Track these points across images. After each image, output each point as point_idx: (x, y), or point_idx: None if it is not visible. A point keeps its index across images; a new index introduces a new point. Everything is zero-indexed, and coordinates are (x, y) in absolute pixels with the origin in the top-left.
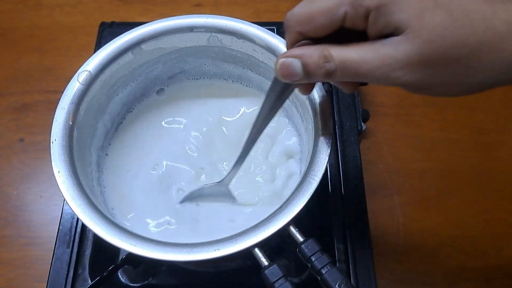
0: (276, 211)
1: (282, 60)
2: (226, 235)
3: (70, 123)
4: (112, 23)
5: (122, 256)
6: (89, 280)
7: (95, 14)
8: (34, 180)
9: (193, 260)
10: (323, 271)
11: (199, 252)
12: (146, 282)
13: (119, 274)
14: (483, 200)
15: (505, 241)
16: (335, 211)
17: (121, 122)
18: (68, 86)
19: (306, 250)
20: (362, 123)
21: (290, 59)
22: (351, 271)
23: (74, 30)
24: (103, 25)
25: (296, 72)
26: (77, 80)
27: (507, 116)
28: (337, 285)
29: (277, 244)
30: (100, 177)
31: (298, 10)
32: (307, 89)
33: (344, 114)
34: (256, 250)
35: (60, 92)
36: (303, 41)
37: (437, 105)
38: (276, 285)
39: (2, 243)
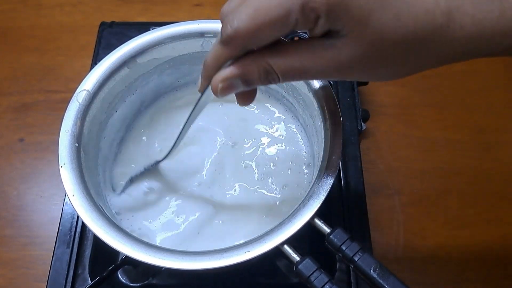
0: (299, 205)
1: (221, 82)
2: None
3: (76, 145)
4: (112, 22)
5: (122, 256)
6: (89, 280)
7: (95, 13)
8: (34, 180)
9: (224, 266)
10: (356, 258)
11: (229, 256)
12: (146, 282)
13: (119, 274)
14: (483, 200)
15: (505, 241)
16: (335, 211)
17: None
18: (68, 107)
19: (335, 240)
20: (362, 123)
21: (231, 81)
22: (351, 271)
23: (74, 30)
24: (103, 25)
25: (238, 89)
26: (77, 100)
27: (507, 116)
28: (372, 270)
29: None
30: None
31: (243, 24)
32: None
33: (344, 114)
34: (286, 247)
35: (60, 91)
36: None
37: (437, 105)
38: (312, 278)
39: (2, 243)
